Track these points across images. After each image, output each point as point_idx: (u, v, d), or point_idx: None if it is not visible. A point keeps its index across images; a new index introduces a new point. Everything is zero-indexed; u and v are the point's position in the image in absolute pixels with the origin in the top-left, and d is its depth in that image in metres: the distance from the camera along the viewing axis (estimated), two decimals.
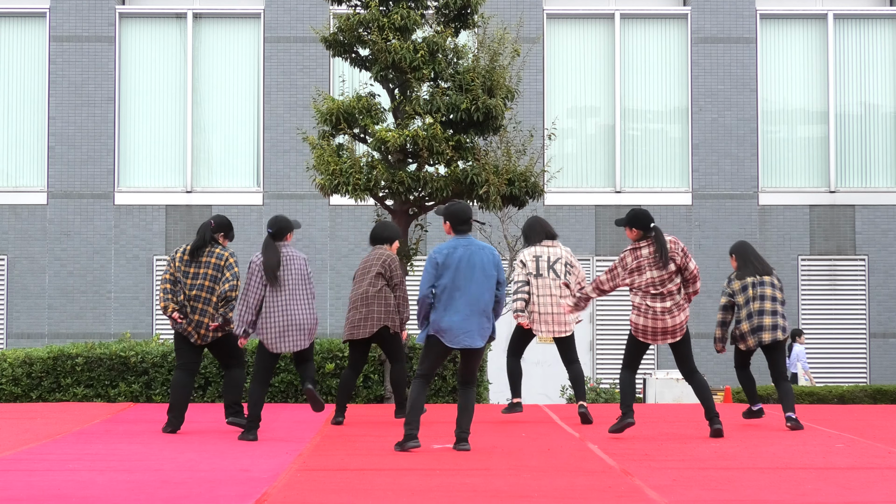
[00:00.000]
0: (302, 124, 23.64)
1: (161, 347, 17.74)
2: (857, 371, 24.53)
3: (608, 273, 12.00)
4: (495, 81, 17.46)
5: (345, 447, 10.88)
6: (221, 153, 24.82)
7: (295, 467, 9.41)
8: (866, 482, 8.80)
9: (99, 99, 24.65)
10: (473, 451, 10.61)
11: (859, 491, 8.34)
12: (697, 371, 12.05)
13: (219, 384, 17.41)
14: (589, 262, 24.48)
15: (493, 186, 16.99)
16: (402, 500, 7.71)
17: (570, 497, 7.95)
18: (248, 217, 24.49)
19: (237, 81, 24.91)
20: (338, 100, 17.54)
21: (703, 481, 8.75)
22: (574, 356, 13.58)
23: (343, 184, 17.02)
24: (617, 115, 24.84)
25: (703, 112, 24.78)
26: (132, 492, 8.13)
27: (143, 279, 24.39)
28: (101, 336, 23.74)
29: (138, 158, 24.77)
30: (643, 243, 11.77)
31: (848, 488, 8.48)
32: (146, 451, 10.71)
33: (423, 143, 16.87)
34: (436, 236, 23.60)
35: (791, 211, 24.67)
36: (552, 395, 22.99)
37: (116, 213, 24.51)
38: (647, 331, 11.75)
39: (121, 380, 17.53)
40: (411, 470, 9.29)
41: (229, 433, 12.37)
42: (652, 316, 11.71)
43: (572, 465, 9.72)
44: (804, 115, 25.05)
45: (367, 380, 17.56)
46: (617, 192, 24.67)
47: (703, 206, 24.55)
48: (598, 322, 24.33)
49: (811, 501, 7.82)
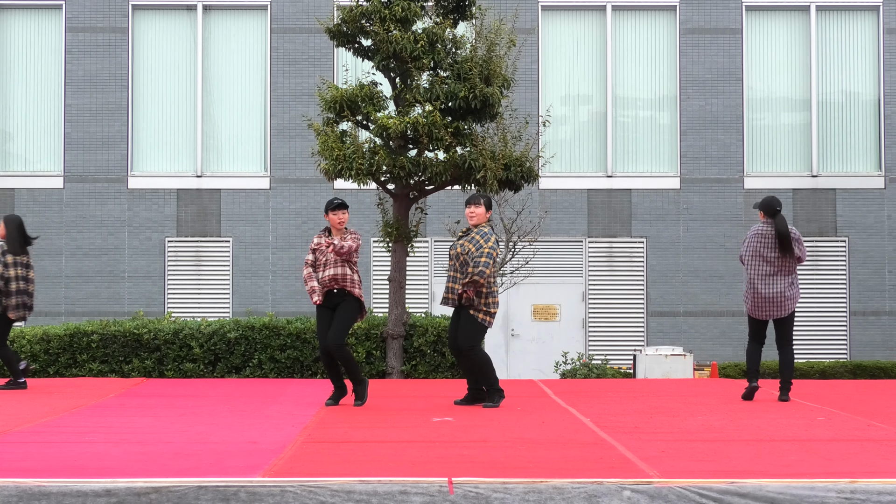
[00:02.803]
0: (307, 112, 23.60)
1: (172, 325, 17.74)
2: (838, 347, 24.54)
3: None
4: (492, 71, 17.44)
5: (348, 421, 10.88)
6: (230, 139, 24.78)
7: (301, 440, 9.41)
8: (847, 454, 8.80)
9: (113, 87, 24.60)
10: (471, 424, 10.62)
11: (840, 462, 8.34)
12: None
13: (228, 360, 17.42)
14: (581, 244, 24.46)
15: (490, 171, 16.98)
16: (402, 471, 7.71)
17: (564, 468, 7.95)
18: (256, 200, 24.46)
19: (245, 71, 24.85)
20: (341, 88, 17.52)
21: (690, 453, 8.75)
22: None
23: (346, 169, 17.01)
24: (608, 103, 24.80)
25: (690, 100, 24.73)
26: (145, 463, 8.14)
27: (155, 260, 24.37)
28: (115, 314, 23.74)
29: (151, 144, 24.73)
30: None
31: (829, 459, 8.48)
32: (159, 424, 10.71)
33: (423, 130, 16.85)
34: (434, 218, 23.59)
35: (775, 194, 24.63)
36: (546, 371, 23.01)
37: (130, 196, 24.48)
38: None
39: (134, 356, 17.53)
40: (412, 442, 9.29)
41: (238, 407, 12.37)
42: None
43: (566, 437, 9.72)
44: (788, 103, 25.01)
45: (370, 356, 17.57)
46: (608, 177, 24.65)
47: (690, 189, 24.52)
48: (590, 301, 24.33)
49: (794, 472, 7.82)
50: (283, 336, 17.57)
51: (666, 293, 24.32)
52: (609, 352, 23.95)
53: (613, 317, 24.41)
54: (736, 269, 24.31)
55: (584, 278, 24.42)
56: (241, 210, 24.48)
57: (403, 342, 17.61)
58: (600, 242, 24.54)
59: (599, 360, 21.18)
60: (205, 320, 18.11)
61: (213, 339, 17.56)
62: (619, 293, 24.43)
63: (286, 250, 24.36)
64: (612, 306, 24.40)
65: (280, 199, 24.48)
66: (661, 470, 7.85)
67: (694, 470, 7.90)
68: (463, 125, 17.36)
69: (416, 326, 17.71)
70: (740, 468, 8.00)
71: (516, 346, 23.83)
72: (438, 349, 17.57)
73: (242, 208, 24.49)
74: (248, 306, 23.96)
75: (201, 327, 17.68)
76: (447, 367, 17.58)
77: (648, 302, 24.40)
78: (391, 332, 17.51)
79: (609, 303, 24.41)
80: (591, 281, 24.42)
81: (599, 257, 24.55)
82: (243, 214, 24.49)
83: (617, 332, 24.37)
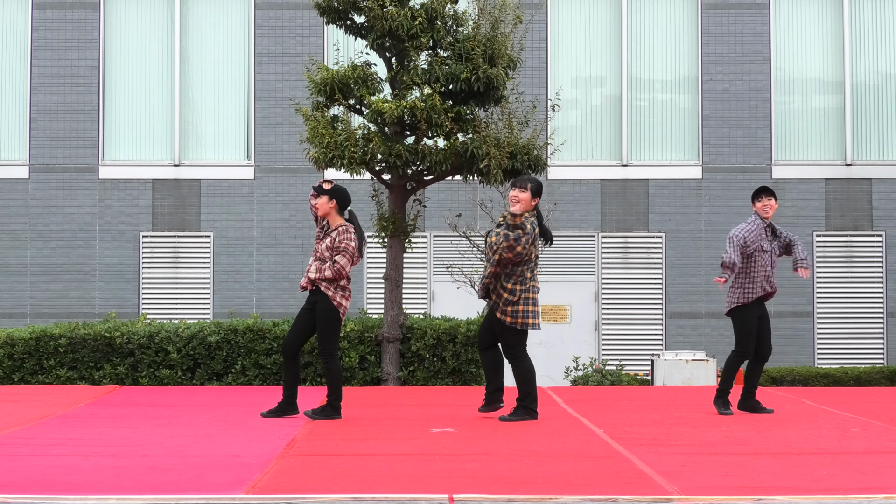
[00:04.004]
0: (295, 95, 23.61)
1: (148, 328, 17.74)
2: (874, 352, 24.56)
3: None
4: (497, 50, 17.44)
5: (339, 432, 10.89)
6: (210, 125, 24.79)
7: (288, 453, 9.42)
8: (883, 467, 8.81)
9: (83, 68, 24.60)
10: (474, 435, 10.63)
11: (875, 476, 8.36)
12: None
13: (209, 366, 17.43)
14: (593, 240, 24.48)
15: (495, 160, 16.98)
16: (399, 487, 7.72)
17: (575, 483, 7.96)
18: (239, 192, 24.47)
19: (227, 49, 24.86)
20: (332, 69, 17.52)
21: (713, 467, 8.76)
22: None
23: (338, 157, 17.02)
24: (623, 85, 24.80)
25: (713, 81, 24.74)
26: (118, 478, 8.14)
27: (129, 257, 24.38)
28: (85, 316, 23.75)
29: (124, 130, 24.74)
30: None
31: (864, 473, 8.49)
32: (132, 435, 10.72)
33: (422, 115, 16.85)
34: (434, 211, 23.61)
35: (805, 185, 24.65)
36: (556, 377, 23.02)
37: (101, 187, 24.49)
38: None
39: (106, 362, 17.54)
40: (409, 455, 9.31)
41: (220, 418, 12.38)
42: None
43: (577, 450, 9.73)
44: (819, 85, 25.02)
45: (364, 361, 17.58)
46: (623, 166, 24.65)
47: (713, 179, 24.54)
48: (603, 301, 24.35)
49: (826, 488, 7.83)
50: (268, 340, 17.57)
51: (686, 293, 24.34)
52: (624, 357, 23.97)
53: (629, 318, 24.43)
54: None
55: (596, 276, 24.43)
56: (222, 202, 24.50)
57: (400, 346, 17.62)
58: (614, 237, 24.55)
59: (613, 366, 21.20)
60: (183, 322, 18.12)
61: (193, 343, 17.57)
62: (634, 293, 24.45)
63: (272, 246, 24.38)
64: (627, 307, 24.41)
65: (265, 191, 24.50)
66: (682, 486, 7.87)
67: (717, 486, 7.91)
68: (465, 110, 17.36)
69: (413, 329, 17.72)
70: (767, 483, 8.01)
71: None
72: (438, 353, 17.59)
73: (224, 200, 24.50)
74: (231, 307, 23.98)
75: (179, 330, 17.69)
76: (447, 372, 17.59)
77: (667, 302, 24.42)
78: (387, 335, 17.52)
79: (624, 303, 24.42)
80: (605, 279, 24.43)
81: (613, 254, 24.56)
82: (225, 207, 24.50)
83: (633, 336, 24.39)
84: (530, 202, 11.93)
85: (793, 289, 24.26)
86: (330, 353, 12.07)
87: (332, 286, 12.04)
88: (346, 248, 12.03)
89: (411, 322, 17.88)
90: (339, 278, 12.04)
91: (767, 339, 12.92)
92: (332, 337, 12.10)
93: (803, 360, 24.21)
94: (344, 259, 12.02)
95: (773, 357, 23.93)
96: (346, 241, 12.04)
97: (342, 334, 17.50)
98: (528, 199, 11.91)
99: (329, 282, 12.04)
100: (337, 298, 12.05)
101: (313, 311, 12.12)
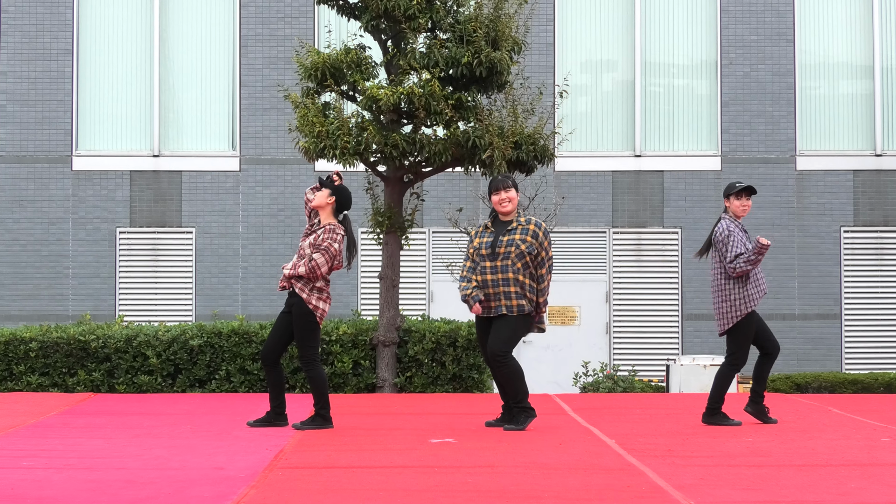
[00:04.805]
0: (283, 80, 23.59)
1: (125, 331, 17.75)
2: None
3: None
4: (500, 32, 17.43)
5: (331, 443, 10.89)
6: (192, 112, 24.79)
7: (276, 465, 9.42)
8: None
9: (55, 51, 24.59)
10: (476, 446, 10.63)
11: None
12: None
13: (191, 372, 17.43)
14: (604, 236, 24.48)
15: (498, 150, 16.98)
16: (396, 501, 7.72)
17: (585, 498, 7.96)
18: (223, 185, 24.47)
19: (210, 31, 24.85)
20: (323, 53, 17.51)
21: (733, 480, 8.76)
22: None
23: (330, 147, 17.01)
24: (637, 70, 24.80)
25: (733, 66, 24.73)
26: (93, 492, 8.14)
27: (104, 254, 24.38)
28: (57, 318, 23.76)
29: (99, 118, 24.73)
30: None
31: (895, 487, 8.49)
32: (108, 446, 10.72)
33: (420, 102, 16.85)
34: (433, 205, 23.60)
35: (832, 177, 24.65)
36: (564, 384, 23.03)
37: (75, 179, 24.49)
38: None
39: (80, 367, 17.54)
40: (406, 468, 9.31)
41: (202, 427, 12.37)
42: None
43: (587, 462, 9.73)
44: (847, 69, 25.01)
45: (358, 366, 17.59)
46: (636, 157, 24.66)
47: (733, 171, 24.53)
48: (614, 301, 24.35)
49: (854, 502, 7.83)
50: (255, 344, 17.58)
51: (704, 293, 24.33)
52: (637, 361, 23.97)
53: (642, 320, 24.43)
54: (787, 265, 24.33)
55: (608, 275, 24.43)
56: (205, 196, 24.49)
57: (396, 350, 17.63)
58: (627, 233, 24.55)
59: (626, 372, 21.21)
60: (163, 325, 18.12)
61: (173, 348, 17.57)
62: (648, 293, 24.45)
63: (259, 243, 24.38)
64: (640, 308, 24.41)
65: (252, 183, 24.49)
66: (699, 500, 7.87)
67: (737, 500, 7.91)
68: (466, 96, 17.36)
69: (411, 332, 17.72)
70: (791, 498, 8.01)
71: (528, 354, 23.85)
72: (437, 358, 17.59)
73: (207, 194, 24.50)
74: (215, 308, 23.98)
75: (159, 333, 17.69)
76: (447, 379, 17.60)
77: (683, 303, 24.43)
78: (382, 339, 17.52)
79: (637, 304, 24.42)
80: (617, 279, 24.43)
81: (626, 251, 24.56)
82: (208, 201, 24.50)
83: (647, 339, 24.40)
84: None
85: (819, 289, 24.26)
86: (309, 360, 12.03)
87: (307, 287, 12.00)
88: (327, 248, 12.01)
89: (408, 324, 17.88)
90: (313, 278, 11.99)
91: (771, 335, 12.86)
92: (310, 343, 12.06)
93: (830, 365, 24.21)
94: (322, 258, 11.98)
95: (798, 362, 23.96)
96: (330, 241, 12.02)
97: (334, 338, 17.51)
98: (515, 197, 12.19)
99: (304, 282, 12.01)
100: (312, 301, 12.01)
101: (291, 315, 12.13)
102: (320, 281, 12.04)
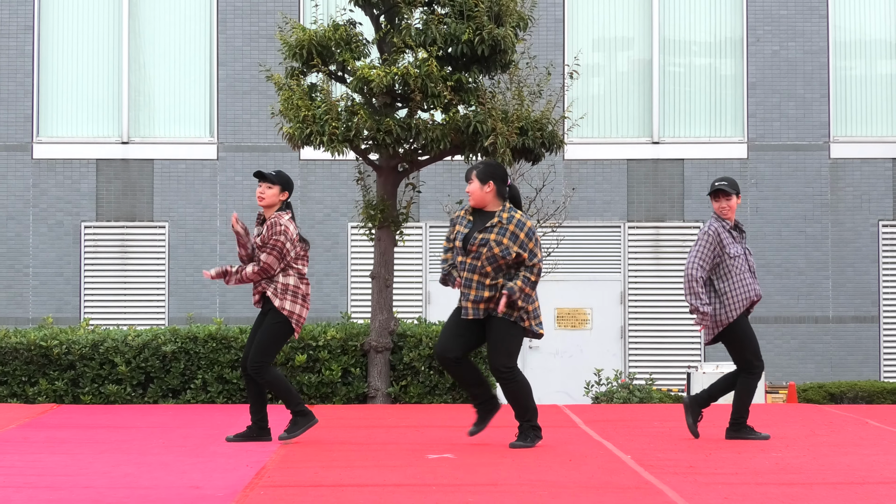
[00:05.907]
0: (265, 60, 23.59)
1: (91, 336, 17.75)
2: None
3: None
4: (504, 6, 17.43)
5: (318, 459, 10.90)
6: (165, 95, 24.80)
7: (258, 483, 9.42)
8: None
9: (14, 28, 24.60)
10: (477, 462, 10.63)
11: None
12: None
13: (164, 380, 17.43)
14: (619, 231, 24.49)
15: (502, 136, 16.99)
16: None
17: None
18: (200, 174, 24.48)
19: (185, 5, 24.86)
20: (309, 29, 17.51)
21: (760, 499, 8.77)
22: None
23: (316, 133, 17.01)
24: (655, 48, 24.81)
25: (761, 43, 24.75)
26: None
27: (68, 251, 24.39)
28: (16, 322, 23.77)
29: (63, 102, 24.74)
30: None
31: None
32: (73, 463, 10.72)
33: (416, 84, 16.85)
34: (430, 197, 23.60)
35: (869, 165, 24.67)
36: (574, 394, 23.05)
37: (36, 169, 24.50)
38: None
39: (41, 376, 17.54)
40: (401, 486, 9.31)
41: (176, 442, 12.37)
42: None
43: (599, 479, 9.74)
44: (885, 48, 25.04)
45: (348, 375, 17.59)
46: (654, 144, 24.68)
47: (760, 159, 24.56)
48: (630, 303, 24.36)
49: None
50: (234, 350, 17.58)
51: None
52: (655, 369, 23.98)
53: (661, 324, 24.45)
54: (820, 263, 24.34)
55: (622, 275, 24.45)
56: (179, 186, 24.51)
57: (390, 357, 17.63)
58: (644, 228, 24.57)
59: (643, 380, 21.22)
60: (133, 329, 18.13)
61: (144, 354, 17.57)
62: (667, 293, 24.46)
63: None
64: (658, 310, 24.43)
65: (231, 173, 24.50)
66: None
67: None
68: (466, 77, 17.36)
69: (406, 336, 17.73)
70: None
71: (535, 361, 23.88)
72: (435, 365, 17.59)
73: (182, 184, 24.51)
74: (190, 311, 24.00)
75: (128, 338, 17.70)
76: (446, 388, 17.61)
77: None
78: (374, 344, 17.53)
79: (655, 306, 24.44)
80: (632, 278, 24.45)
81: (643, 247, 24.58)
82: (183, 192, 24.51)
83: (665, 344, 24.42)
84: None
85: (854, 289, 24.29)
86: (259, 368, 11.95)
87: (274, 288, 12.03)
88: (273, 245, 12.11)
89: (403, 328, 17.89)
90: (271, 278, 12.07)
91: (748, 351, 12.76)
92: (269, 350, 12.05)
93: (867, 373, 24.23)
94: (271, 258, 12.07)
95: (832, 370, 23.97)
96: (275, 237, 12.12)
97: (322, 343, 17.52)
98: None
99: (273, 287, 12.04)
100: (286, 306, 12.00)
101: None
102: (292, 279, 12.06)
